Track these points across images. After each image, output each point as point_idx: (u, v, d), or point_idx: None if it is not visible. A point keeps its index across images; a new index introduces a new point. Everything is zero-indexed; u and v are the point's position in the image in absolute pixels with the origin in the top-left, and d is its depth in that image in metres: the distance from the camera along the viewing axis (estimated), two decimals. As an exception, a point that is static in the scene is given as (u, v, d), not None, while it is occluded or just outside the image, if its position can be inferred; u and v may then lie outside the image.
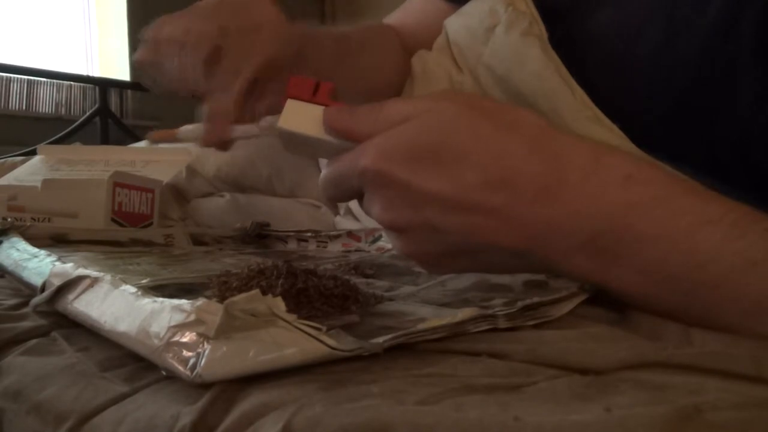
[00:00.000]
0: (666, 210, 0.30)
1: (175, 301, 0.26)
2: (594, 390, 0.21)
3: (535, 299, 0.30)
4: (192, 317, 0.24)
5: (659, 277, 0.30)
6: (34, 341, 0.32)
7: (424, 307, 0.35)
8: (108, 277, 0.31)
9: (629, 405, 0.19)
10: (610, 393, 0.21)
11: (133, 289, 0.29)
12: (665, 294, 0.30)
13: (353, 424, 0.18)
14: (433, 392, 0.21)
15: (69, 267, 0.34)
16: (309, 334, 0.24)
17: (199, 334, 0.23)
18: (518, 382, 0.22)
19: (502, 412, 0.19)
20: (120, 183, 0.69)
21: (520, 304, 0.29)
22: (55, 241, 0.57)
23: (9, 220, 0.62)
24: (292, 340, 0.23)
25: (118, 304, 0.29)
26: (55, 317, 0.34)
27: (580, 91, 0.53)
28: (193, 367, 0.23)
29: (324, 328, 0.24)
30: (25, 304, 0.37)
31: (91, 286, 0.31)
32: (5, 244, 0.48)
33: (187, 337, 0.24)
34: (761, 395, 0.21)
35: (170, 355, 0.24)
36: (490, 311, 0.28)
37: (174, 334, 0.24)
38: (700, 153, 0.32)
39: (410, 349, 0.26)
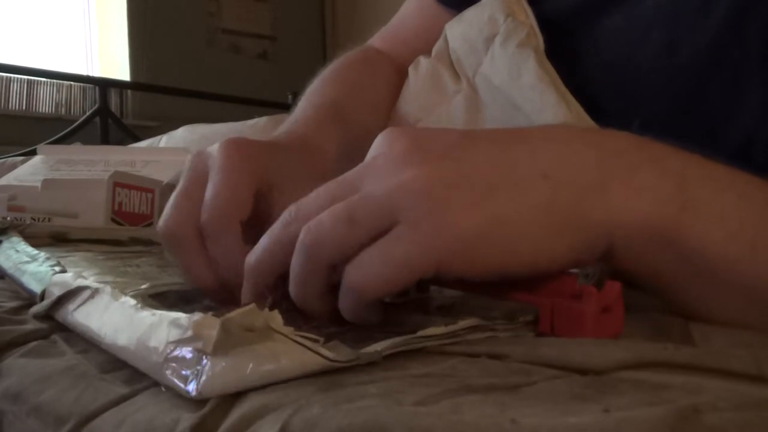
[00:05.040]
0: None
1: (173, 315, 0.26)
2: (593, 390, 0.21)
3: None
4: (189, 333, 0.24)
5: None
6: (34, 343, 0.32)
7: (422, 314, 0.35)
8: (108, 288, 0.31)
9: (628, 406, 0.19)
10: (609, 393, 0.21)
11: (132, 302, 0.29)
12: None
13: (350, 425, 0.18)
14: (432, 393, 0.21)
15: (69, 277, 0.34)
16: (306, 347, 0.24)
17: (197, 350, 0.24)
18: (517, 382, 0.22)
19: (499, 414, 0.19)
20: (120, 183, 0.69)
21: (521, 320, 0.29)
22: (55, 240, 0.57)
23: (8, 219, 0.62)
24: (290, 354, 0.23)
25: (117, 317, 0.29)
26: (55, 320, 0.34)
27: (575, 104, 0.52)
28: (192, 384, 0.23)
29: (321, 339, 0.24)
30: (25, 306, 0.37)
31: (91, 297, 0.32)
32: (5, 245, 0.48)
33: (185, 353, 0.24)
34: (761, 395, 0.21)
35: (169, 372, 0.24)
36: (489, 323, 0.28)
37: (172, 350, 0.24)
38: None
39: (410, 350, 0.26)
